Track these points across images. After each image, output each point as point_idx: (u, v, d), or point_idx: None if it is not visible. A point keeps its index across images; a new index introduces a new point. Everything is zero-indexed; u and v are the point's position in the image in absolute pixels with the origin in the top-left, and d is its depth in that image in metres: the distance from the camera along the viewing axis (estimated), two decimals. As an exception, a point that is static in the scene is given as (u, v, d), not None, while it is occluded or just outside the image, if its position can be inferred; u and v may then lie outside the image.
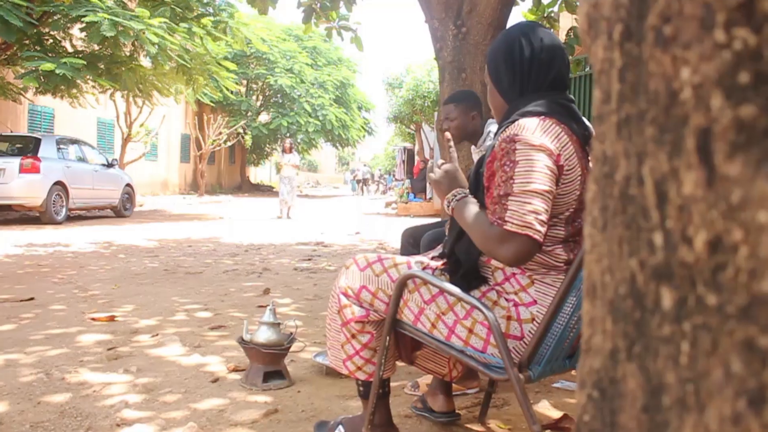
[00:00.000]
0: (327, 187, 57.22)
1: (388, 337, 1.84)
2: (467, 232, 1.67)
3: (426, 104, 22.36)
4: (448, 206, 1.75)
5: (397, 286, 1.79)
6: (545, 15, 7.77)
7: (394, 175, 35.39)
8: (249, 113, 29.66)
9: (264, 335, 2.71)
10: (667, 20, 0.41)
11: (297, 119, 29.39)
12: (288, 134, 30.19)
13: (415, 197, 18.56)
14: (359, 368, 1.95)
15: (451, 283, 1.73)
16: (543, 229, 1.54)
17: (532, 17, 7.78)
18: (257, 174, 43.40)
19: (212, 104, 26.35)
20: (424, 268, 1.85)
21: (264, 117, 31.42)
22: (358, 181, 33.65)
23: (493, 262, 1.74)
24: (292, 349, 3.10)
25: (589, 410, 0.50)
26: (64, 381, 2.74)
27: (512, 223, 1.54)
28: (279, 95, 30.51)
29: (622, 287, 0.45)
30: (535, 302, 1.69)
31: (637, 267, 0.44)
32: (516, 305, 1.70)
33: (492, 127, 3.22)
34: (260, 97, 31.70)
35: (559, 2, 7.59)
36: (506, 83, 1.78)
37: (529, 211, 1.54)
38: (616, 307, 0.46)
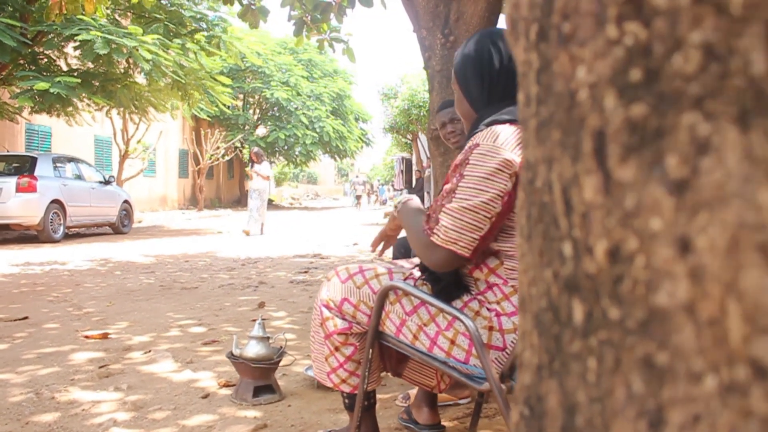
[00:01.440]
0: (327, 198, 57.25)
1: (370, 350, 1.83)
2: (408, 236, 1.71)
3: (422, 114, 22.41)
4: (395, 213, 1.80)
5: (378, 297, 1.78)
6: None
7: (392, 185, 35.39)
8: (246, 127, 29.71)
9: (253, 350, 2.69)
10: (566, 17, 0.40)
11: (294, 132, 29.44)
12: (286, 147, 30.23)
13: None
14: (344, 381, 1.94)
15: (432, 294, 1.72)
16: (472, 245, 1.57)
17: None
18: (256, 187, 43.40)
19: (209, 119, 26.39)
20: (406, 278, 1.84)
21: (261, 130, 31.47)
22: (358, 197, 32.64)
23: (475, 273, 1.73)
24: (284, 363, 3.08)
25: (521, 428, 0.48)
26: (53, 400, 2.73)
27: (438, 237, 1.58)
28: (275, 108, 30.56)
29: (543, 300, 0.44)
30: (517, 312, 1.68)
31: (552, 278, 0.43)
32: (498, 315, 1.69)
33: None
34: (257, 111, 31.76)
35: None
36: (475, 92, 1.77)
37: (459, 228, 1.56)
38: (540, 320, 0.45)
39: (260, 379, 2.68)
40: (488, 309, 1.70)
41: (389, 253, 6.15)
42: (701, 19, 0.32)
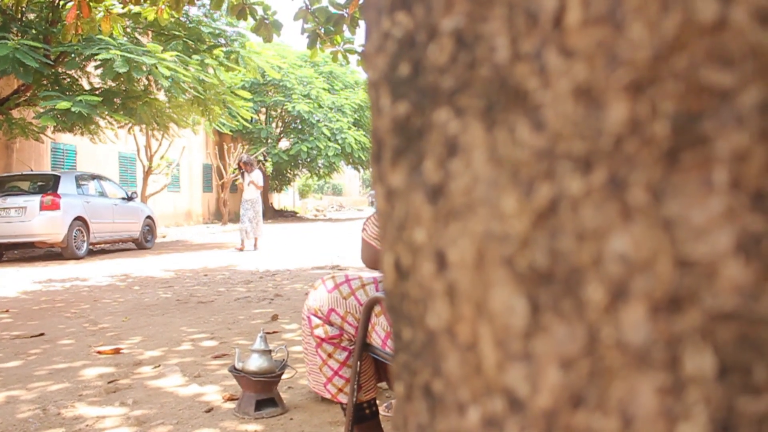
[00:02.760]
0: (351, 210, 57.18)
1: (358, 362, 1.80)
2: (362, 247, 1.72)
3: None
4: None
5: (364, 309, 1.75)
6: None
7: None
8: (269, 140, 29.85)
9: (255, 363, 2.68)
10: (363, 11, 0.37)
11: (317, 144, 29.51)
12: (308, 159, 30.31)
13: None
14: (340, 390, 1.91)
15: None
16: None
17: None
18: (281, 200, 43.58)
19: (232, 133, 26.56)
20: None
21: (284, 143, 31.59)
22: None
23: None
24: (288, 376, 3.07)
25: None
26: (59, 416, 2.74)
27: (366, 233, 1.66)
28: (298, 121, 30.67)
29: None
30: None
31: (386, 295, 0.40)
32: None
33: None
34: (279, 124, 31.91)
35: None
36: None
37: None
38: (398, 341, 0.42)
39: (262, 392, 2.66)
40: None
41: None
42: (453, 4, 0.29)
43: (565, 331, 0.26)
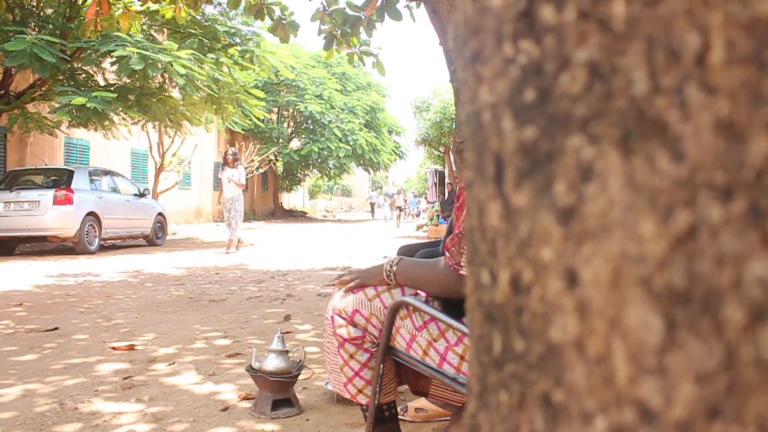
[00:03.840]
0: (360, 211, 57.34)
1: (381, 365, 1.81)
2: (424, 287, 1.69)
3: (453, 126, 22.40)
4: (390, 276, 1.75)
5: (389, 312, 1.77)
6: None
7: (426, 198, 35.35)
8: (280, 140, 29.96)
9: (272, 363, 2.70)
10: (475, 34, 0.39)
11: (328, 145, 29.60)
12: (319, 160, 30.39)
13: (444, 220, 18.52)
14: (360, 391, 1.92)
15: (442, 310, 1.71)
16: None
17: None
18: (290, 200, 43.71)
19: (244, 132, 26.67)
20: (416, 293, 1.83)
21: (295, 143, 31.70)
22: (399, 209, 30.54)
23: None
24: (305, 376, 3.08)
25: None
26: (76, 411, 2.76)
27: (457, 260, 1.58)
28: (309, 121, 30.77)
29: (477, 328, 0.43)
30: None
31: (476, 306, 0.41)
32: None
33: None
34: (291, 124, 32.01)
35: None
36: None
37: None
38: (477, 348, 0.43)
39: (279, 392, 2.68)
40: None
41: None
42: (586, 36, 0.31)
43: (702, 348, 0.27)
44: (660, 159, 0.28)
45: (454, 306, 1.72)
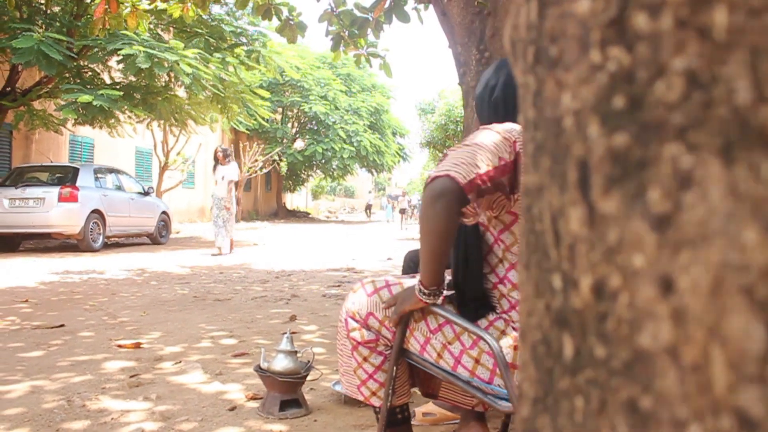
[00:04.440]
0: (363, 212, 57.32)
1: (395, 368, 1.81)
2: (436, 243, 1.58)
3: (459, 129, 22.41)
4: (421, 290, 1.67)
5: (403, 315, 1.76)
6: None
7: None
8: (284, 140, 29.98)
9: (281, 363, 2.70)
10: (554, 40, 0.39)
11: (332, 145, 29.62)
12: (323, 160, 30.41)
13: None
14: (374, 393, 1.92)
15: (458, 312, 1.70)
16: (469, 174, 1.51)
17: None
18: (293, 200, 43.74)
19: (248, 132, 26.68)
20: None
21: (299, 144, 31.72)
22: (402, 211, 29.82)
23: (499, 287, 1.71)
24: (312, 377, 3.08)
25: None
26: (84, 408, 2.76)
27: (436, 171, 1.53)
28: (314, 122, 30.79)
29: (537, 332, 0.43)
30: None
31: (544, 310, 0.41)
32: None
33: None
34: (295, 124, 32.04)
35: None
36: (486, 118, 1.84)
37: (456, 159, 1.53)
38: (536, 352, 0.43)
39: (287, 393, 2.68)
40: (514, 328, 1.68)
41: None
42: (684, 45, 0.31)
43: (806, 358, 0.27)
44: (765, 168, 0.28)
45: (469, 308, 1.71)
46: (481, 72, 4.27)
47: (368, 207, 43.37)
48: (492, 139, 1.58)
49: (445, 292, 1.81)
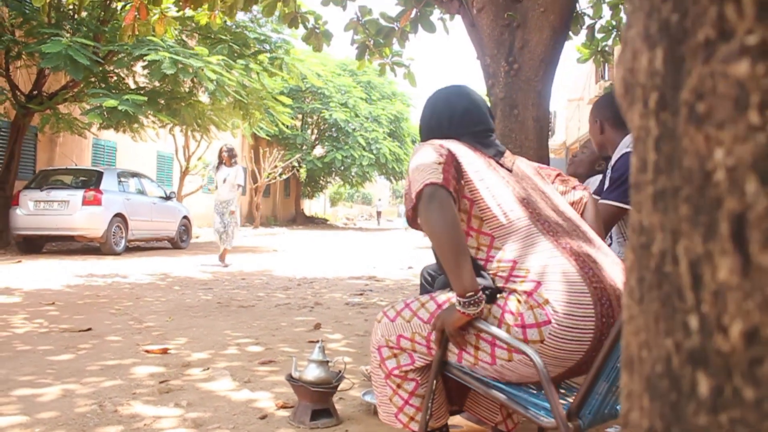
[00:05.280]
0: (381, 219, 57.33)
1: (435, 381, 1.82)
2: (450, 243, 1.68)
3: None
4: (460, 303, 1.68)
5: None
6: (599, 49, 7.74)
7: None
8: (304, 147, 30.08)
9: (313, 373, 2.70)
10: (701, 97, 0.39)
11: (351, 153, 29.68)
12: (342, 167, 30.48)
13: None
14: (411, 418, 1.93)
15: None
16: (440, 176, 1.74)
17: (585, 51, 7.75)
18: (311, 206, 43.86)
19: (268, 138, 26.82)
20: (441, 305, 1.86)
21: (319, 150, 31.83)
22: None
23: (488, 266, 1.75)
24: (341, 387, 3.09)
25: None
26: (116, 413, 2.78)
27: (415, 189, 1.74)
28: (333, 129, 30.89)
29: (659, 366, 0.43)
30: (539, 286, 1.69)
31: (673, 348, 0.42)
32: (530, 294, 1.68)
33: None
34: (315, 131, 32.15)
35: (613, 36, 7.55)
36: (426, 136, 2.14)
37: (421, 176, 1.76)
38: (653, 385, 0.44)
39: (318, 402, 2.69)
40: (521, 296, 1.69)
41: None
42: None
43: None
44: None
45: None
46: (510, 84, 4.27)
47: (378, 214, 45.06)
48: (428, 152, 1.82)
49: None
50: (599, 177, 3.38)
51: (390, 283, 8.19)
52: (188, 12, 9.25)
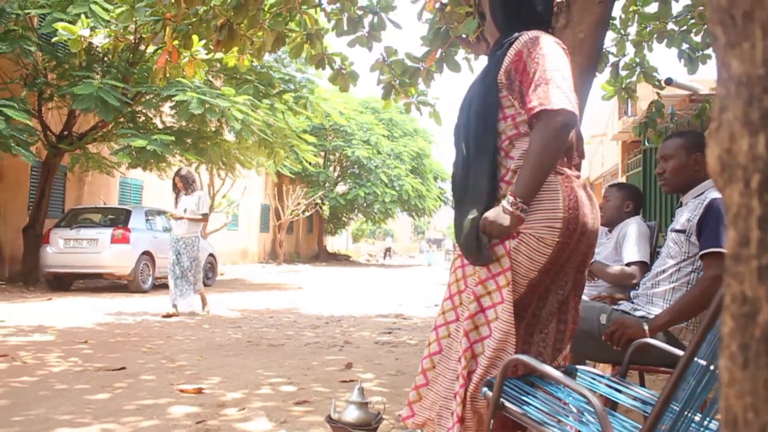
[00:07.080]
0: (402, 256, 57.25)
1: (491, 420, 1.83)
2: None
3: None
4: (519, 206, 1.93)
5: (501, 372, 1.79)
6: (623, 86, 7.77)
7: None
8: (327, 184, 30.29)
9: (352, 415, 2.72)
10: None
11: (374, 189, 29.82)
12: (365, 204, 30.61)
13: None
14: None
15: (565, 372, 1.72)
16: (575, 101, 1.93)
17: (610, 89, 7.79)
18: (334, 243, 43.97)
19: (291, 175, 27.05)
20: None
21: (341, 187, 32.01)
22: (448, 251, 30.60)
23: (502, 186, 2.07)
24: (380, 429, 3.09)
25: None
26: (157, 455, 2.81)
27: (557, 101, 1.89)
28: (356, 166, 31.10)
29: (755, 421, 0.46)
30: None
31: None
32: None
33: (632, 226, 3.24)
34: (338, 168, 32.38)
35: (637, 73, 7.58)
36: (500, 17, 2.18)
37: (565, 89, 1.92)
38: None
39: (358, 444, 2.69)
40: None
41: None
42: None
43: None
44: None
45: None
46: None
47: (387, 250, 45.44)
48: (566, 61, 2.00)
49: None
50: (621, 228, 3.42)
51: (417, 321, 8.18)
52: (217, 54, 9.44)
